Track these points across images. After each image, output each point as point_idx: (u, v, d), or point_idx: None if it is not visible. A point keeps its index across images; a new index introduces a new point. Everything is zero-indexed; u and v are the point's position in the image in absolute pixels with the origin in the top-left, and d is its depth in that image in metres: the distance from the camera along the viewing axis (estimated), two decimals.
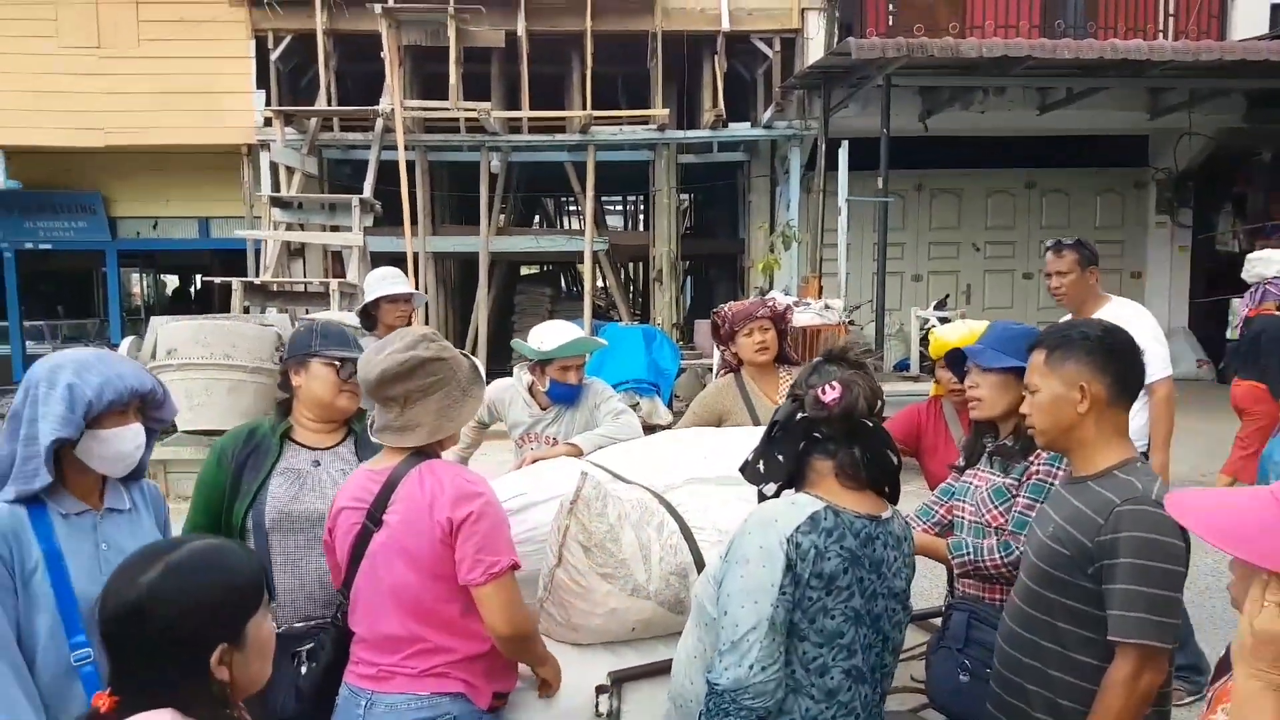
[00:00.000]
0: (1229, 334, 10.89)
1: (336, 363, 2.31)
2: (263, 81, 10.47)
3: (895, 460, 1.83)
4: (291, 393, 2.35)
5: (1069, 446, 1.95)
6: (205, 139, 10.37)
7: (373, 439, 2.07)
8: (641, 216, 17.92)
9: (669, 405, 8.91)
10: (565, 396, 3.31)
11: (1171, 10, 10.94)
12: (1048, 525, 1.94)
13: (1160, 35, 10.79)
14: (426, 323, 10.66)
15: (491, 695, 2.04)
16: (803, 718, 1.74)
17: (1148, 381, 2.41)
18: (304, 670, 2.08)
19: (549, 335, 3.28)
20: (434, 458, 2.05)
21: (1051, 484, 2.22)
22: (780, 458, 1.81)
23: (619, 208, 21.87)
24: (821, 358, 1.89)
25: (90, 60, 10.19)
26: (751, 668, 1.65)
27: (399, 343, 2.02)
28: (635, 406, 8.21)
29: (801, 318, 9.14)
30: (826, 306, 9.08)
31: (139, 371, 1.91)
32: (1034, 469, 2.30)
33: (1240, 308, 6.88)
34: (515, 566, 1.96)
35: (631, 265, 18.76)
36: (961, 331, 2.88)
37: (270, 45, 10.46)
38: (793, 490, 1.83)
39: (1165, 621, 1.76)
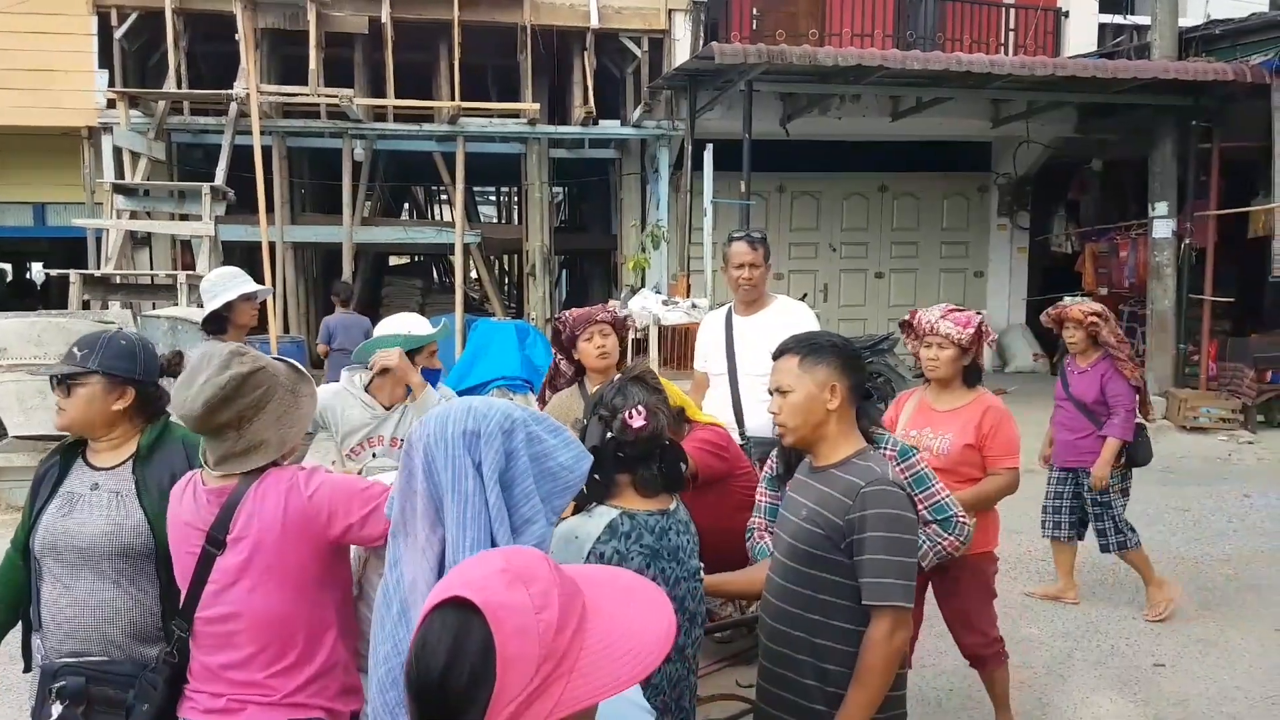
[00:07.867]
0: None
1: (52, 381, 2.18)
2: (105, 61, 9.84)
3: (686, 467, 2.05)
4: None
5: (814, 440, 2.16)
6: (40, 120, 9.66)
7: (215, 473, 1.92)
8: (516, 208, 17.77)
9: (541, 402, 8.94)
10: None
11: (1012, 25, 11.70)
12: (800, 510, 2.15)
13: (1001, 49, 11.52)
14: (285, 317, 10.31)
15: (348, 716, 1.99)
16: None
17: None
18: (56, 711, 1.94)
19: (390, 325, 3.51)
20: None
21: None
22: (597, 477, 1.94)
23: (493, 198, 21.64)
24: (624, 377, 2.06)
25: None
26: None
27: (209, 368, 1.90)
28: None
29: (671, 316, 9.37)
30: (694, 305, 9.32)
31: None
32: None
33: None
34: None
35: (505, 258, 18.62)
36: None
37: (114, 22, 9.82)
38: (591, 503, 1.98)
39: (910, 585, 2.01)
